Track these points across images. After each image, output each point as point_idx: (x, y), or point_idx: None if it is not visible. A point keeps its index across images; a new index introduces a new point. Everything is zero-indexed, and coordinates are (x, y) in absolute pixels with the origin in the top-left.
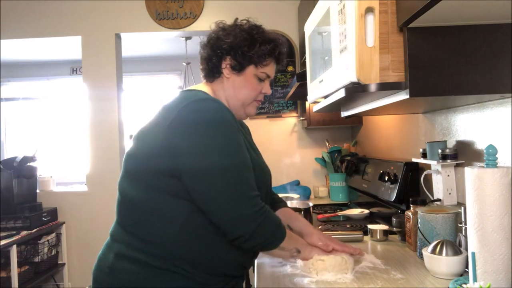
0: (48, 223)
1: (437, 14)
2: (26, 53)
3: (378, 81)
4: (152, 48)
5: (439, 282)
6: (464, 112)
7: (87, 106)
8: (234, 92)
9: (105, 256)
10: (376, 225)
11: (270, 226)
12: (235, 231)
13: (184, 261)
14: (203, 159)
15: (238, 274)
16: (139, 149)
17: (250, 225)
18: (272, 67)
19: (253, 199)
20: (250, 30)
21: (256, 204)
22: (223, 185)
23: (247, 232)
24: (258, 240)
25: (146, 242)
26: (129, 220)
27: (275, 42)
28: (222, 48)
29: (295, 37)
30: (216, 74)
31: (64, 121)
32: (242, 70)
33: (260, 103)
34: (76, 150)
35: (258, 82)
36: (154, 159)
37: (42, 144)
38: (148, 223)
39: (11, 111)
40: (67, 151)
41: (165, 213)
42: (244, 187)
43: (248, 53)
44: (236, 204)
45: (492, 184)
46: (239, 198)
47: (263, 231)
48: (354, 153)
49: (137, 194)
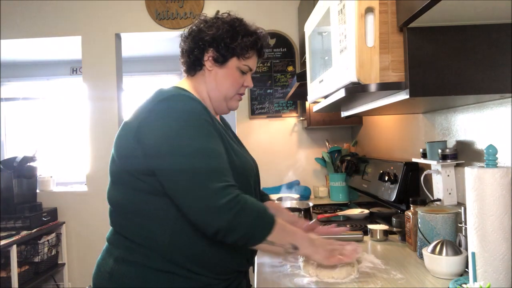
0: (48, 223)
1: (437, 14)
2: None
3: (378, 81)
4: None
5: (439, 282)
6: (464, 112)
7: (87, 106)
8: (216, 85)
9: (104, 261)
10: (376, 225)
11: (249, 215)
12: (211, 226)
13: (185, 261)
14: (169, 156)
15: (242, 269)
16: (117, 152)
17: (224, 217)
18: (254, 60)
19: (224, 189)
20: (232, 22)
21: (228, 193)
22: (190, 178)
23: (223, 225)
24: (238, 232)
25: (144, 245)
26: (122, 226)
27: (257, 34)
28: (204, 40)
29: (295, 37)
30: (198, 67)
31: (64, 121)
32: (225, 63)
33: (241, 97)
34: (76, 150)
35: (241, 74)
36: (129, 159)
37: (42, 144)
38: (141, 226)
39: (11, 111)
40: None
41: (155, 213)
42: (213, 176)
43: (231, 45)
44: (205, 198)
45: (492, 184)
46: (206, 191)
47: (242, 220)
48: (354, 153)
49: (124, 197)
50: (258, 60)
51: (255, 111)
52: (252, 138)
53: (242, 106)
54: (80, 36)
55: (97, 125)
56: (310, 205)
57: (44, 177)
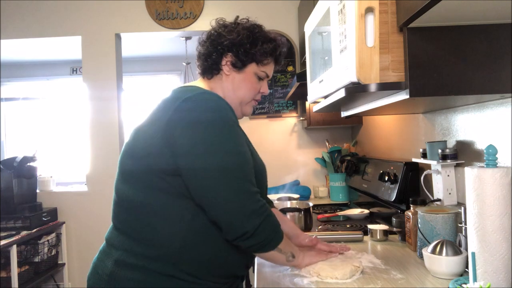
0: (48, 223)
1: (437, 14)
2: (26, 53)
3: (378, 81)
4: (152, 48)
5: (439, 282)
6: (464, 112)
7: (87, 106)
8: (233, 89)
9: (102, 263)
10: (376, 225)
11: (272, 224)
12: (240, 227)
13: (190, 265)
14: (205, 156)
15: (242, 274)
16: (137, 148)
17: (254, 221)
18: (271, 67)
19: (255, 195)
20: (252, 28)
21: (258, 200)
22: (226, 182)
23: (251, 229)
24: (260, 237)
25: (150, 247)
26: (130, 225)
27: (276, 41)
28: (223, 44)
29: (295, 37)
30: (215, 71)
31: (64, 121)
32: (243, 68)
33: (257, 103)
34: (76, 150)
35: (257, 80)
36: (154, 158)
37: (42, 144)
38: (152, 227)
39: (11, 111)
40: (67, 151)
41: (169, 214)
42: (247, 183)
43: (251, 50)
44: (240, 200)
45: (492, 184)
46: (242, 194)
47: (266, 228)
48: (354, 153)
49: (137, 195)
50: (275, 66)
51: (255, 111)
52: (252, 138)
53: None
54: (80, 36)
55: (97, 125)
56: (310, 205)
57: (44, 177)
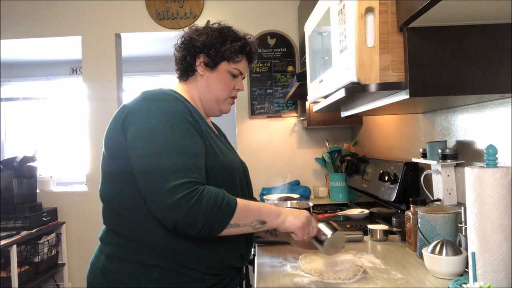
0: (48, 223)
1: (437, 14)
2: (26, 53)
3: (378, 81)
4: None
5: (439, 282)
6: (464, 112)
7: (87, 106)
8: (208, 88)
9: (97, 259)
10: (376, 225)
11: (206, 205)
12: (168, 221)
13: (177, 256)
14: (141, 150)
15: (236, 265)
16: (106, 149)
17: (179, 211)
18: (244, 64)
19: (182, 186)
20: (221, 29)
21: (185, 189)
22: (150, 174)
23: (179, 219)
24: (197, 223)
25: (138, 242)
26: (117, 224)
27: (245, 39)
28: (195, 46)
29: (295, 37)
30: (190, 73)
31: (64, 121)
32: (216, 67)
33: (234, 100)
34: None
35: (231, 78)
36: (119, 157)
37: (42, 144)
38: (137, 224)
39: (11, 111)
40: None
41: (148, 210)
42: (174, 173)
43: (221, 49)
44: (160, 193)
45: (492, 184)
46: (162, 187)
47: (198, 211)
48: (354, 153)
49: (117, 195)
50: (249, 64)
51: (255, 111)
52: (252, 138)
53: (242, 106)
54: (80, 36)
55: (97, 125)
56: (310, 205)
57: (44, 177)
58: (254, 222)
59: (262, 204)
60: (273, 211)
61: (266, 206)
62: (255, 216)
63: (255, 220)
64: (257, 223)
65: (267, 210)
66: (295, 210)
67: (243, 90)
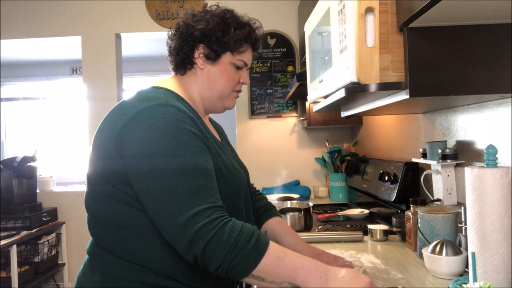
0: (48, 223)
1: (437, 14)
2: (26, 53)
3: (378, 81)
4: (152, 48)
5: (439, 282)
6: (464, 112)
7: (87, 106)
8: (209, 84)
9: (87, 277)
10: (376, 225)
11: (228, 239)
12: (187, 255)
13: (178, 275)
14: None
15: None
16: (94, 155)
17: (196, 245)
18: (249, 54)
19: (197, 215)
20: (223, 14)
21: (199, 219)
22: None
23: (197, 254)
24: (215, 261)
25: (131, 261)
26: (105, 239)
27: (250, 26)
28: (193, 35)
29: (295, 37)
30: (189, 65)
31: (64, 121)
32: (218, 59)
33: (238, 94)
34: (76, 150)
35: (235, 70)
36: (109, 167)
37: (42, 144)
38: (126, 240)
39: (11, 111)
40: (67, 151)
41: (139, 227)
42: (192, 199)
43: (223, 39)
44: (175, 230)
45: (492, 184)
46: (177, 219)
47: (217, 247)
48: (354, 153)
49: (103, 208)
50: (253, 54)
51: (255, 111)
52: (252, 138)
53: (242, 106)
54: (80, 36)
55: (97, 125)
56: (310, 205)
57: (44, 177)
58: (284, 284)
59: (303, 258)
60: (317, 271)
61: (308, 260)
62: (289, 276)
63: (287, 281)
64: (288, 284)
65: (308, 267)
66: (350, 273)
67: (248, 83)
